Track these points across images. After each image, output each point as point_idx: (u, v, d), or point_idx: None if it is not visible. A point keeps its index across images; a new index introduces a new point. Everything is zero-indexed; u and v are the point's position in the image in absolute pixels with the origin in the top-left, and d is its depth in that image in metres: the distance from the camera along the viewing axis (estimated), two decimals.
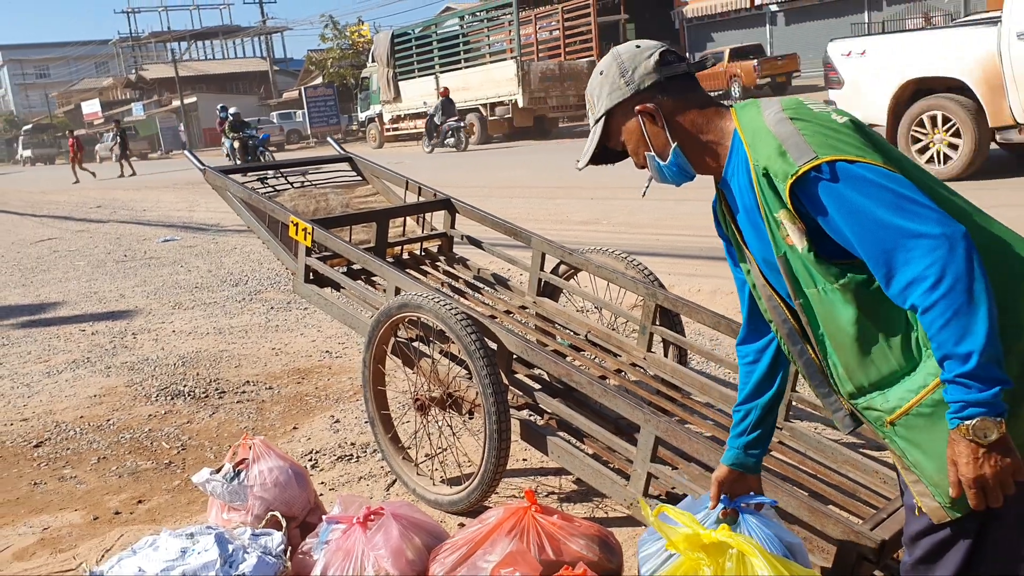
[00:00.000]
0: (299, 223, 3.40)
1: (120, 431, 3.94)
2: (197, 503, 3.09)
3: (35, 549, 2.86)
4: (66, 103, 78.84)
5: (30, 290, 7.99)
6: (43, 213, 16.83)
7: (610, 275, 3.25)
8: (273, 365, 4.80)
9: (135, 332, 5.86)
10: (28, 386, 4.81)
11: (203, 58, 71.11)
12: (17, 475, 3.53)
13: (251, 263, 8.22)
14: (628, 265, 3.30)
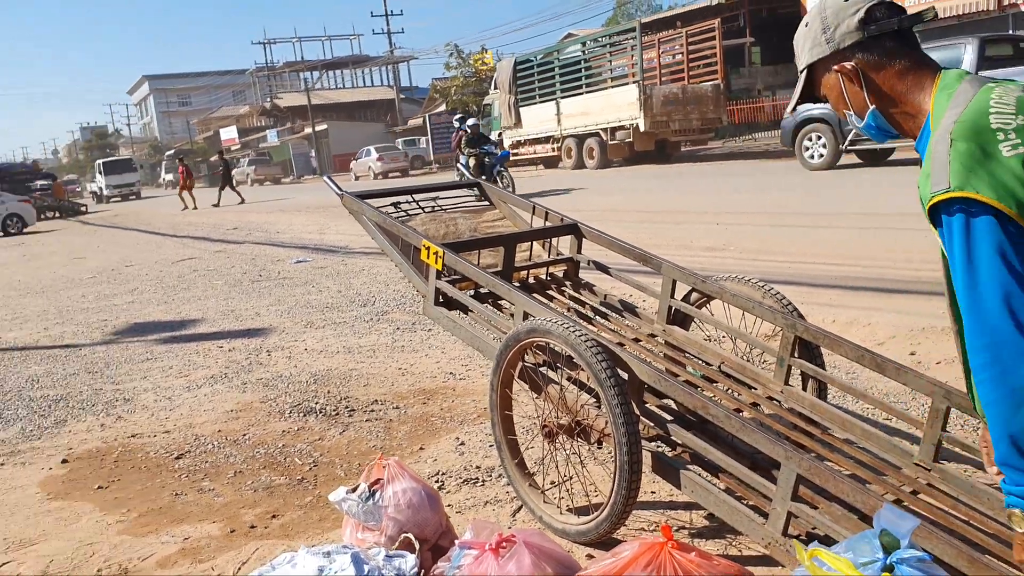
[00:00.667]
0: (431, 247, 3.45)
1: (255, 446, 4.08)
2: (328, 520, 3.15)
3: (177, 558, 2.98)
4: (206, 130, 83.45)
5: (171, 307, 8.43)
6: (184, 234, 17.79)
7: (746, 304, 3.16)
8: (400, 385, 4.89)
9: (269, 349, 6.08)
10: (170, 399, 5.05)
11: (333, 87, 73.97)
12: (160, 485, 3.70)
13: (378, 284, 8.43)
14: (765, 294, 3.19)
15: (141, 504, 3.49)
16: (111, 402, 5.09)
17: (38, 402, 5.24)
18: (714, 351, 3.31)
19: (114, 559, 3.00)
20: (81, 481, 3.83)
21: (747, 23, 28.89)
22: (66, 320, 8.26)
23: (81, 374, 5.89)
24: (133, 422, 4.65)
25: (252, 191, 39.65)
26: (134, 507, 3.47)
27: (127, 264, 13.02)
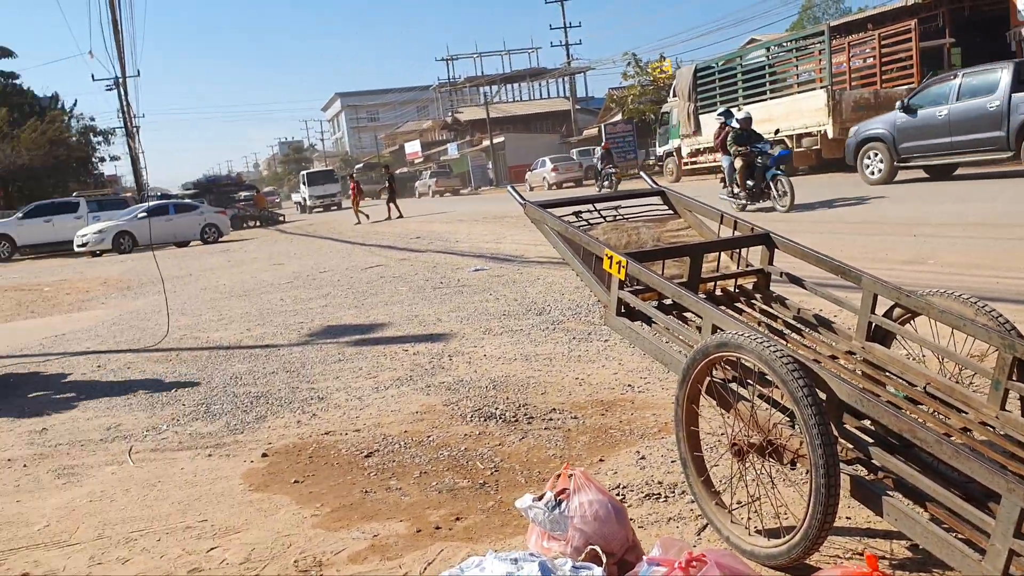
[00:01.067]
0: (614, 256, 3.42)
1: (439, 448, 4.18)
2: (510, 526, 3.18)
3: (367, 554, 3.09)
4: (392, 144, 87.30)
5: (361, 311, 8.83)
6: (372, 243, 18.65)
7: (956, 321, 2.92)
8: (577, 395, 4.88)
9: (451, 354, 6.24)
10: (360, 399, 5.28)
11: (511, 100, 75.48)
12: (351, 482, 3.86)
13: (553, 293, 8.48)
14: (978, 311, 2.94)
15: (334, 499, 3.65)
16: (306, 400, 5.38)
17: (241, 398, 5.61)
18: (919, 371, 3.08)
19: (309, 552, 3.15)
20: (279, 475, 4.06)
21: (946, 23, 27.02)
22: (266, 322, 8.84)
23: (280, 373, 6.27)
24: (326, 420, 4.89)
25: (433, 202, 41.03)
26: (327, 502, 3.63)
27: (321, 270, 13.78)
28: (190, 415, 5.32)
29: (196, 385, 6.12)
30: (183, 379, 6.36)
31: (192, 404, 5.58)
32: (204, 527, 3.49)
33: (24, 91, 48.69)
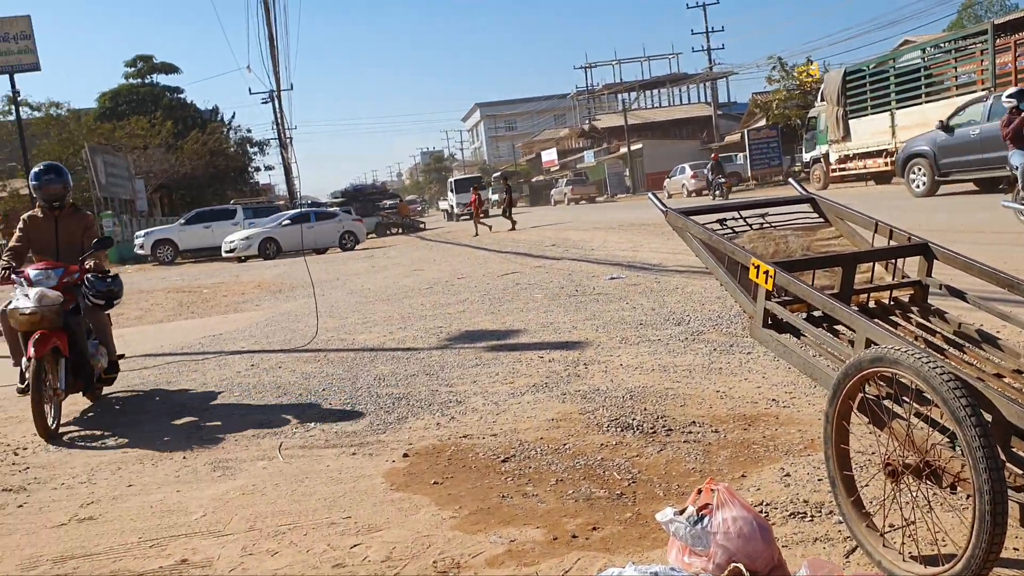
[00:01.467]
0: (761, 265, 3.32)
1: (575, 456, 4.17)
2: (648, 539, 3.13)
3: (503, 559, 3.11)
4: (529, 152, 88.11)
5: (497, 317, 8.94)
6: (507, 250, 18.86)
7: None
8: (718, 408, 4.76)
9: (586, 362, 6.22)
10: (496, 404, 5.33)
11: (650, 106, 74.79)
12: (488, 486, 3.90)
13: (693, 303, 8.33)
14: None
15: (471, 502, 3.70)
16: (446, 403, 5.48)
17: (384, 399, 5.78)
18: None
19: (447, 553, 3.21)
20: (419, 475, 4.15)
21: None
22: (407, 325, 9.08)
23: (420, 375, 6.42)
24: (465, 423, 4.97)
25: (568, 210, 41.11)
26: (465, 505, 3.69)
27: (458, 276, 14.05)
28: (336, 414, 5.52)
29: (342, 385, 6.34)
30: (330, 379, 6.61)
31: (338, 403, 5.79)
32: (348, 524, 3.61)
33: (187, 105, 52.06)
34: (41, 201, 6.35)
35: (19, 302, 5.61)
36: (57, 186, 6.30)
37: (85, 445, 5.40)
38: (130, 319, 13.18)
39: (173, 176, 44.43)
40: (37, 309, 5.52)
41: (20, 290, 5.71)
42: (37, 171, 6.40)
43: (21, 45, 30.56)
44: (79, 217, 6.48)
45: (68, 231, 6.36)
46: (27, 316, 5.54)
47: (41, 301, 5.54)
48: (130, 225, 34.90)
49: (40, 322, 5.55)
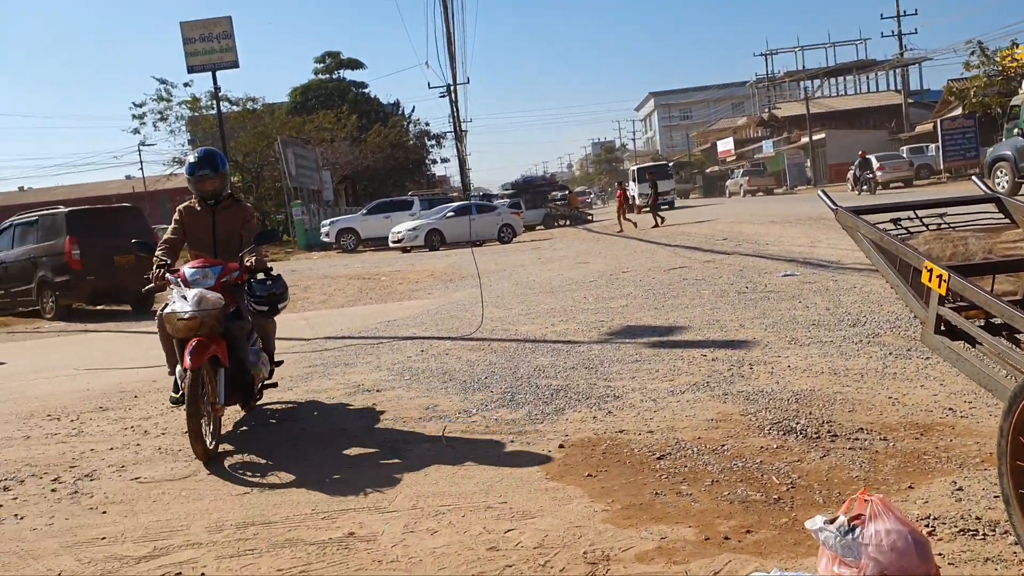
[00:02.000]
0: (934, 268, 3.15)
1: (733, 458, 4.11)
2: (803, 545, 3.05)
3: (653, 555, 3.13)
4: (704, 142, 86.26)
5: (660, 313, 8.87)
6: (676, 243, 18.60)
7: None
8: (889, 415, 4.54)
9: (752, 363, 6.08)
10: (654, 401, 5.32)
11: (834, 94, 71.40)
12: (642, 482, 3.92)
13: (870, 304, 7.94)
14: None
15: (624, 497, 3.73)
16: (603, 397, 5.52)
17: (543, 390, 5.89)
18: None
19: (598, 545, 3.26)
20: (574, 467, 4.22)
21: None
22: (569, 318, 9.17)
23: (579, 368, 6.49)
24: (621, 418, 4.99)
25: (743, 203, 39.97)
26: (617, 499, 3.72)
27: (623, 270, 14.01)
28: (497, 402, 5.68)
29: (503, 374, 6.51)
30: (493, 367, 6.80)
31: (499, 392, 5.95)
32: (503, 509, 3.73)
33: (371, 99, 54.52)
34: (196, 195, 5.71)
35: (176, 305, 4.92)
36: (214, 182, 5.61)
37: (245, 478, 4.57)
38: (315, 303, 14.04)
39: (356, 168, 46.71)
40: (196, 313, 4.83)
41: (177, 291, 5.02)
42: (192, 162, 5.66)
43: (222, 44, 32.87)
44: (238, 209, 5.77)
45: (226, 225, 5.68)
46: (185, 321, 4.84)
47: (200, 304, 4.86)
48: (317, 214, 36.96)
49: (199, 328, 4.85)
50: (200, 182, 5.59)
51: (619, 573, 3.00)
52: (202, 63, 33.00)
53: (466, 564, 3.19)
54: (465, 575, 3.10)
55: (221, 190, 5.66)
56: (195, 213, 5.69)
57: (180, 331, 4.90)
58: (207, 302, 4.88)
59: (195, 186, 5.62)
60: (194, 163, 5.62)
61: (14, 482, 4.78)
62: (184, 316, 4.83)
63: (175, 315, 4.88)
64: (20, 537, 3.90)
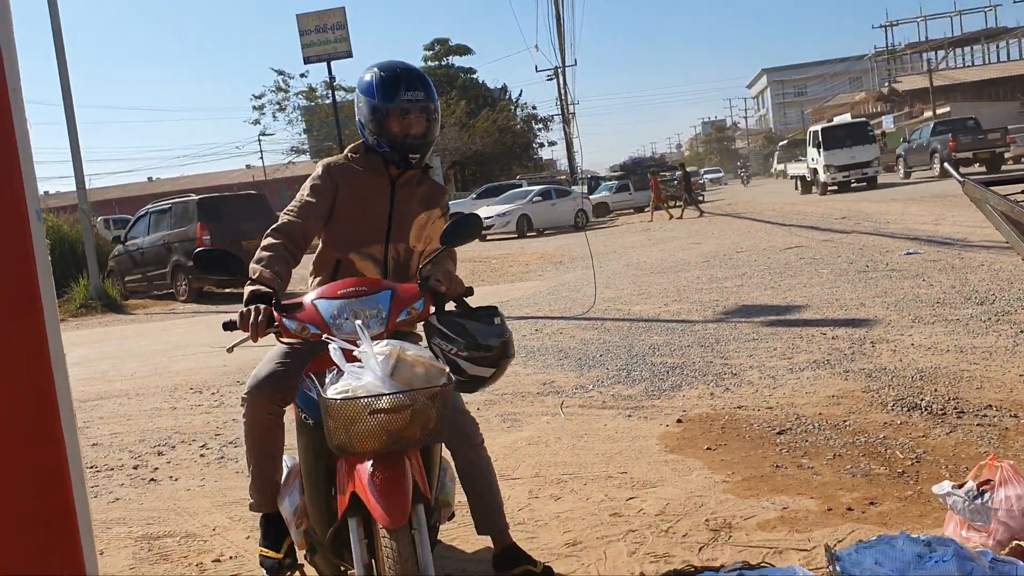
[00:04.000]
0: None
1: (855, 433, 4.09)
2: (929, 517, 3.05)
3: (775, 524, 3.18)
4: (819, 118, 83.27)
5: (777, 292, 8.76)
6: (791, 223, 18.18)
7: None
8: (1020, 393, 4.42)
9: (873, 341, 5.98)
10: (773, 379, 5.31)
11: (960, 66, 67.84)
12: (761, 456, 3.95)
13: (1000, 281, 7.64)
14: None
15: (744, 469, 3.78)
16: (720, 374, 5.55)
17: (658, 367, 5.95)
18: None
19: (719, 513, 3.33)
20: (692, 440, 4.29)
21: None
22: (682, 298, 9.16)
23: (694, 347, 6.51)
24: (739, 395, 5.02)
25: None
26: (738, 471, 3.77)
27: (737, 250, 13.83)
28: (612, 378, 5.78)
29: (618, 352, 6.60)
30: (607, 346, 6.89)
31: (615, 369, 6.04)
32: (624, 478, 3.84)
33: (479, 84, 55.00)
34: (383, 142, 2.77)
35: (355, 380, 2.08)
36: (428, 119, 2.77)
37: None
38: None
39: (465, 153, 47.30)
40: (409, 399, 2.05)
41: (334, 346, 2.18)
42: (386, 76, 2.73)
43: (337, 35, 33.72)
44: (431, 188, 2.98)
45: (411, 212, 2.90)
46: (386, 415, 2.04)
47: (409, 375, 2.11)
48: None
49: (406, 429, 2.07)
50: (404, 115, 2.71)
51: (741, 540, 3.07)
52: (317, 54, 33.95)
53: (590, 528, 3.31)
54: (589, 538, 3.22)
55: (431, 143, 2.81)
56: (359, 180, 2.84)
57: (371, 437, 2.05)
58: (419, 369, 2.12)
59: (390, 124, 2.72)
60: (395, 76, 2.71)
61: (167, 447, 5.19)
62: (381, 406, 2.03)
63: (363, 405, 2.03)
64: (176, 496, 4.26)
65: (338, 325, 2.32)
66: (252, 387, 2.65)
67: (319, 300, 2.40)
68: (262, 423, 2.67)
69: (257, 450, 2.73)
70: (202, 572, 3.30)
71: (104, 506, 4.20)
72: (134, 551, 3.58)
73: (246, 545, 3.49)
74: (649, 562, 2.97)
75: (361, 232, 2.82)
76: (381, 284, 2.49)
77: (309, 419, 2.34)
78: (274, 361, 2.68)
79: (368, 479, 2.07)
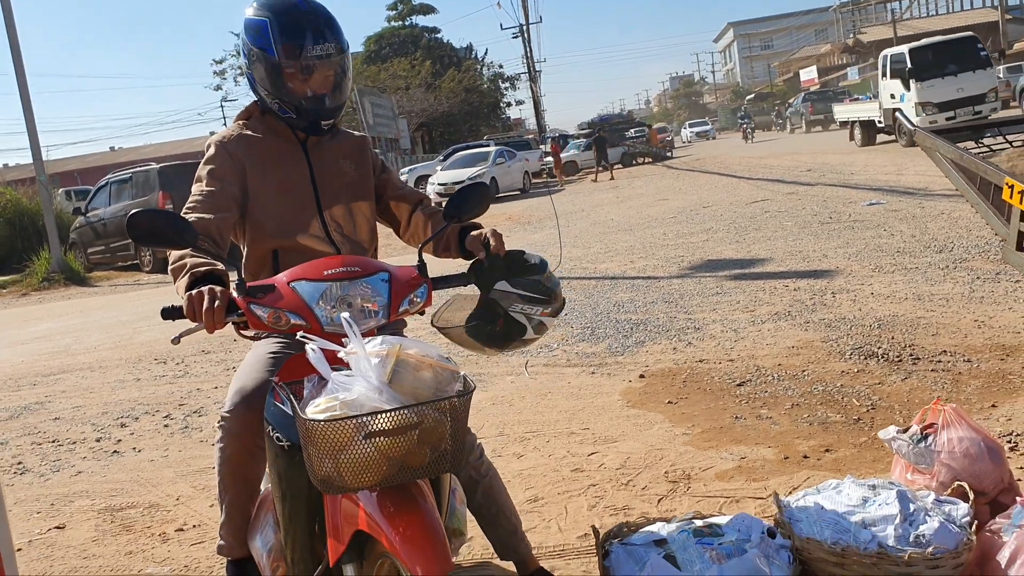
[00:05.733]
0: (1016, 185, 3.11)
1: (813, 383, 4.15)
2: (882, 462, 3.11)
3: (733, 474, 3.23)
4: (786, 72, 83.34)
5: (742, 246, 8.81)
6: (758, 176, 18.25)
7: None
8: (974, 338, 4.50)
9: (834, 291, 6.05)
10: (735, 331, 5.36)
11: (924, 15, 68.02)
12: (722, 407, 4.00)
13: (958, 229, 7.75)
14: None
15: (704, 422, 3.83)
16: (683, 329, 5.59)
17: (622, 324, 5.98)
18: None
19: (679, 465, 3.37)
20: (654, 395, 4.33)
21: None
22: (648, 255, 9.19)
23: (659, 303, 6.55)
24: (701, 349, 5.06)
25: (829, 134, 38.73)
26: (698, 423, 3.82)
27: (704, 205, 13.87)
28: (577, 336, 5.80)
29: (583, 310, 6.62)
30: (572, 304, 6.90)
31: (579, 327, 6.07)
32: (586, 434, 3.87)
33: (444, 44, 54.34)
34: (282, 103, 2.22)
35: (344, 392, 1.55)
36: (337, 68, 2.22)
37: None
38: (397, 248, 14.30)
39: (432, 114, 46.86)
40: (417, 414, 1.52)
41: (312, 346, 1.61)
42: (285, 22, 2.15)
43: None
44: (349, 140, 2.47)
45: (334, 169, 2.37)
46: (387, 438, 1.51)
47: (414, 385, 1.58)
48: (396, 163, 37.38)
49: (412, 454, 1.54)
50: (310, 73, 2.18)
51: (700, 491, 3.12)
52: None
53: (551, 484, 3.35)
54: (551, 493, 3.25)
55: (344, 103, 2.34)
56: (263, 149, 2.31)
57: (365, 470, 1.53)
58: (426, 374, 1.60)
59: (293, 85, 2.19)
60: (295, 24, 2.16)
61: (129, 419, 5.15)
62: (380, 426, 1.50)
63: (342, 427, 1.50)
64: (140, 467, 4.24)
65: (326, 315, 1.80)
66: (238, 403, 2.06)
67: (298, 282, 1.83)
68: (246, 449, 2.08)
69: (235, 482, 2.15)
70: (165, 541, 3.30)
71: (67, 480, 4.18)
72: (96, 523, 3.56)
73: (209, 513, 3.49)
74: (609, 515, 3.00)
75: (291, 208, 2.25)
76: (371, 264, 1.92)
77: (283, 440, 1.79)
78: (264, 369, 2.10)
79: (381, 514, 1.59)
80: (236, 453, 2.09)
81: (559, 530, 2.95)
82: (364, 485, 1.54)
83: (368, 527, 1.61)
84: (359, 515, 1.63)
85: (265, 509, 2.13)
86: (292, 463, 1.77)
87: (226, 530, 2.21)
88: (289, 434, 1.76)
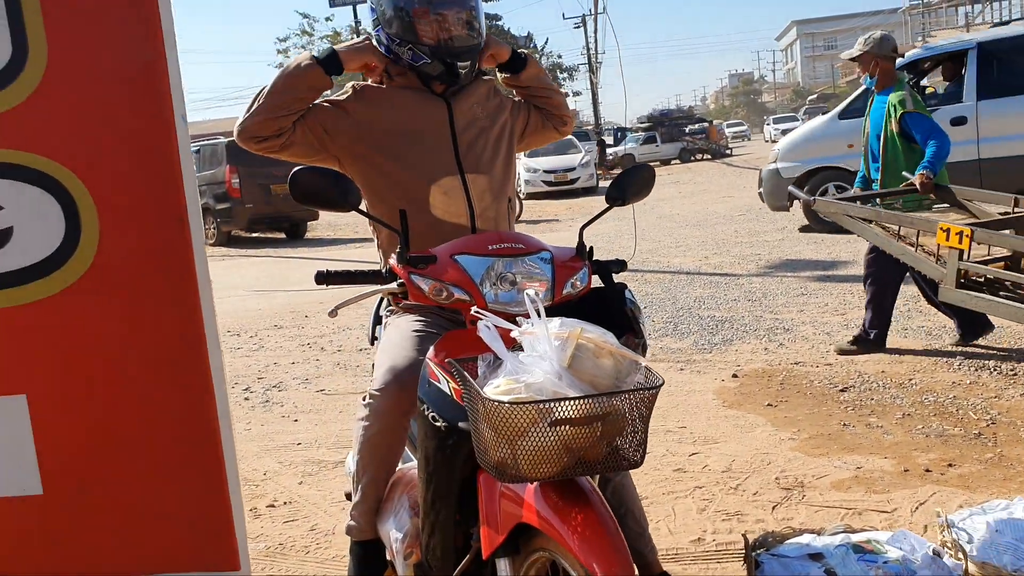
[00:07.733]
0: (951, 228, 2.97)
1: (923, 392, 3.96)
2: (1015, 480, 2.93)
3: (850, 484, 3.07)
4: (849, 72, 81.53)
5: (821, 247, 8.56)
6: None
7: None
8: None
9: None
10: (828, 334, 5.17)
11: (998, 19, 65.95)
12: (827, 413, 3.83)
13: None
14: None
15: (810, 427, 3.66)
16: (771, 329, 5.41)
17: (706, 320, 5.82)
18: None
19: (789, 472, 3.22)
20: (751, 396, 4.17)
21: None
22: (722, 251, 8.98)
23: (741, 301, 6.37)
24: (794, 350, 4.88)
25: None
26: (803, 428, 3.65)
27: None
28: (660, 331, 5.65)
29: (663, 304, 6.46)
30: (650, 298, 6.75)
31: (661, 321, 5.91)
32: (684, 433, 3.73)
33: (504, 32, 54.11)
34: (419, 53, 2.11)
35: (525, 375, 1.41)
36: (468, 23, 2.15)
37: None
38: None
39: None
40: (605, 407, 1.39)
41: (485, 323, 1.47)
42: None
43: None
44: (486, 86, 2.36)
45: (477, 127, 2.25)
46: (573, 427, 1.38)
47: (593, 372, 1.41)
48: None
49: (592, 447, 1.42)
50: (442, 17, 2.09)
51: (817, 500, 2.97)
52: None
53: (655, 483, 3.21)
54: (655, 493, 3.12)
55: (480, 45, 2.20)
56: (403, 100, 2.21)
57: (545, 459, 1.40)
58: (606, 361, 1.43)
59: (422, 29, 2.09)
60: None
61: None
62: (567, 414, 1.37)
63: (527, 411, 1.36)
64: None
65: (490, 292, 1.72)
66: (390, 381, 1.93)
67: (462, 256, 1.75)
68: (391, 428, 1.98)
69: (375, 462, 2.04)
70: (257, 517, 3.24)
71: None
72: None
73: (299, 491, 3.43)
74: (721, 519, 2.87)
75: (425, 154, 2.14)
76: (533, 241, 1.84)
77: (439, 420, 1.67)
78: (412, 348, 1.97)
79: (550, 508, 1.48)
80: (380, 432, 1.99)
81: (669, 532, 2.82)
82: (540, 476, 1.42)
83: (538, 521, 1.49)
84: (523, 507, 1.52)
85: (398, 492, 2.05)
86: (444, 445, 1.68)
87: (359, 511, 2.09)
88: (446, 413, 1.65)
